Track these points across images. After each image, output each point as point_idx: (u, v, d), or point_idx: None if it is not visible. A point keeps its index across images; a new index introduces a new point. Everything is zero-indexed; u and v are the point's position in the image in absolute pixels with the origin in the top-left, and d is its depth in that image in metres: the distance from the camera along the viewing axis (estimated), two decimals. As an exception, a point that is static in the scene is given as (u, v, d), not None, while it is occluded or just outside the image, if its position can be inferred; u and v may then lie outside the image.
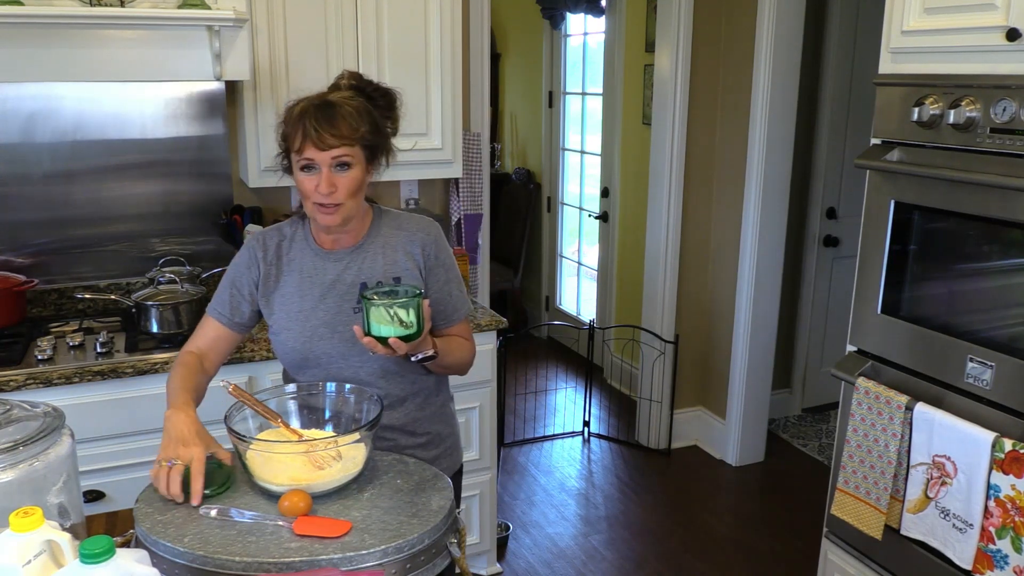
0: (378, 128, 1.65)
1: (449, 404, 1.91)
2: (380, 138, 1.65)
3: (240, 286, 1.74)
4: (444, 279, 1.77)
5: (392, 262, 1.72)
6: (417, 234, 1.74)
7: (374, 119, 1.64)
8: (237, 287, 1.74)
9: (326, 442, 1.42)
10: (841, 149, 4.06)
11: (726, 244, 3.83)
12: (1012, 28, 1.69)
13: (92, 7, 2.15)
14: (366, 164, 1.64)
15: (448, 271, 1.78)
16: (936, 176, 1.86)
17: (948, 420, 1.82)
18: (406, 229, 1.75)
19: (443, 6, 2.64)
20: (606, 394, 4.77)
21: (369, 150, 1.63)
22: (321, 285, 1.70)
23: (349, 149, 1.58)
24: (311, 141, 1.56)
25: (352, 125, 1.58)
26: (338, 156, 1.58)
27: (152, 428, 2.28)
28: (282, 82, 2.51)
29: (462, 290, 1.82)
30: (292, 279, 1.72)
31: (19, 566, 1.03)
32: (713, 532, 3.36)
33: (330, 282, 1.70)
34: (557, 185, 5.51)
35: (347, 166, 1.59)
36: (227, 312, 1.75)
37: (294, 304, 1.71)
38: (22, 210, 2.60)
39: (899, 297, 2.05)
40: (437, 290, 1.75)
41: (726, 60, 3.71)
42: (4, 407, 1.31)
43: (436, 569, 1.27)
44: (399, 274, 1.71)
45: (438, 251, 1.76)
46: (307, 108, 1.59)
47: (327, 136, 1.56)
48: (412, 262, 1.73)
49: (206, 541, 1.22)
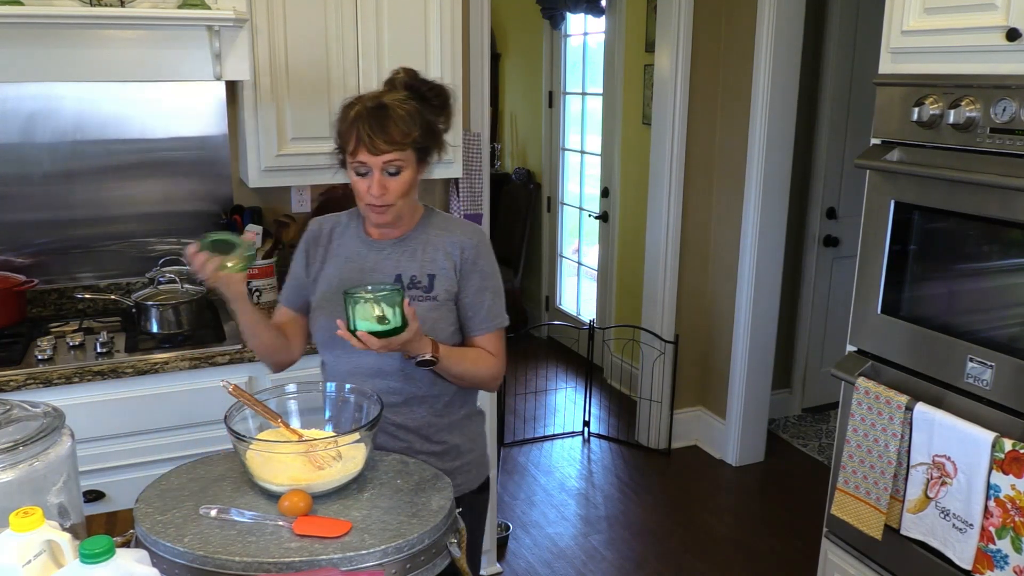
0: (430, 129, 1.69)
1: (475, 419, 1.87)
2: (431, 139, 1.70)
3: (296, 275, 1.86)
4: (479, 285, 1.75)
5: (430, 259, 1.74)
6: (460, 237, 1.76)
7: (425, 121, 1.68)
8: (294, 275, 1.86)
9: (326, 442, 1.42)
10: (841, 149, 4.06)
11: (726, 244, 3.83)
12: (1012, 28, 1.69)
13: (92, 7, 2.15)
14: (417, 165, 1.69)
15: (485, 279, 1.76)
16: (936, 176, 1.86)
17: (948, 420, 1.82)
18: (451, 231, 1.77)
19: (443, 6, 2.64)
20: (606, 394, 4.77)
21: (420, 152, 1.68)
22: (360, 271, 1.76)
23: (400, 154, 1.64)
24: (364, 146, 1.62)
25: (404, 131, 1.63)
26: (389, 161, 1.63)
27: (152, 428, 2.29)
28: (282, 82, 2.51)
29: (499, 303, 1.78)
30: (336, 263, 1.79)
31: (19, 566, 1.03)
32: (713, 532, 3.36)
33: (368, 269, 1.76)
34: (557, 185, 5.51)
35: (398, 170, 1.65)
36: (289, 296, 1.87)
37: (332, 285, 1.76)
38: (22, 210, 2.60)
39: (899, 297, 2.05)
40: (470, 295, 1.75)
41: (726, 60, 3.71)
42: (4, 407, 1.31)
43: (436, 569, 1.27)
44: (435, 272, 1.74)
45: (477, 256, 1.75)
46: (361, 113, 1.64)
47: (379, 142, 1.61)
48: (450, 262, 1.74)
49: (206, 541, 1.22)
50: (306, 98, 2.54)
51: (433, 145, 1.71)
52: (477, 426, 1.87)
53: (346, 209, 1.89)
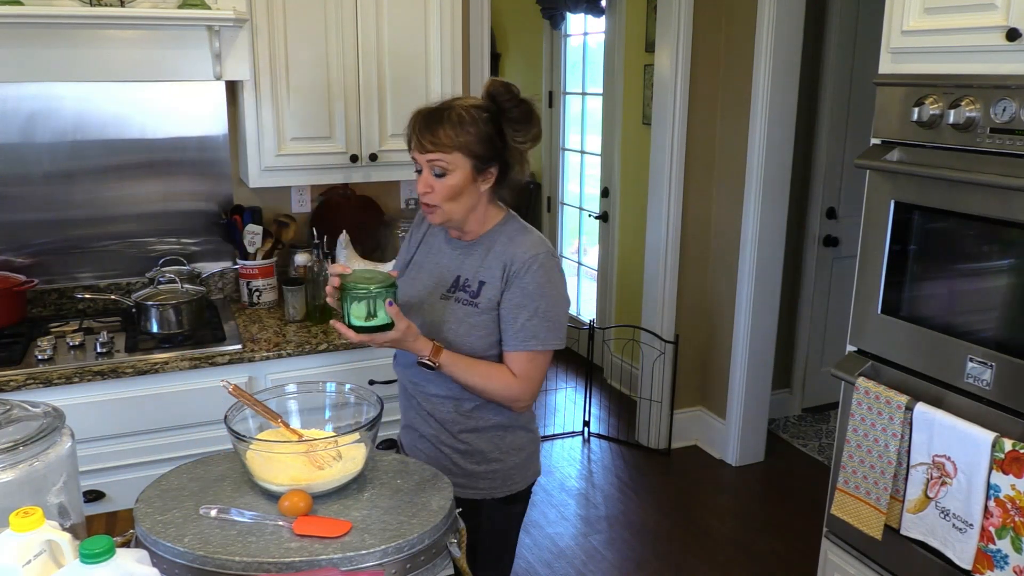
0: (488, 138, 1.70)
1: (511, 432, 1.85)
2: (490, 149, 1.71)
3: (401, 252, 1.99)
4: (518, 302, 1.73)
5: (487, 267, 1.77)
6: (517, 251, 1.75)
7: (484, 130, 1.69)
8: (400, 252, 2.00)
9: (326, 442, 1.42)
10: (841, 149, 4.06)
11: (726, 244, 3.83)
12: (1012, 28, 1.69)
13: (92, 7, 2.15)
14: (472, 172, 1.70)
15: (528, 297, 1.72)
16: (936, 176, 1.86)
17: (948, 420, 1.82)
18: (514, 244, 1.77)
19: (443, 6, 2.64)
20: (606, 394, 4.77)
21: (476, 159, 1.70)
22: (431, 263, 1.86)
23: (446, 155, 1.68)
24: (414, 144, 1.71)
25: (452, 133, 1.67)
26: (433, 160, 1.69)
27: (152, 428, 2.29)
28: (282, 82, 2.51)
29: (538, 324, 1.73)
30: (423, 250, 1.90)
31: (19, 566, 1.03)
32: (713, 532, 3.36)
33: (435, 263, 1.85)
34: (557, 185, 5.51)
35: (444, 172, 1.69)
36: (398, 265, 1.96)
37: (411, 269, 1.89)
38: (22, 210, 2.60)
39: (899, 297, 2.05)
40: (507, 308, 1.74)
41: (726, 60, 3.71)
42: (4, 407, 1.31)
43: (436, 569, 1.27)
44: (486, 280, 1.76)
45: (526, 273, 1.73)
46: (421, 111, 1.72)
47: (425, 142, 1.68)
48: (501, 272, 1.75)
49: (206, 541, 1.22)
50: (306, 98, 2.55)
51: (495, 156, 1.72)
52: (513, 440, 1.85)
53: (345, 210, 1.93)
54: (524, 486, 1.89)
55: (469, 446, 1.81)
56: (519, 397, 1.76)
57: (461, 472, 1.81)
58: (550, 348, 1.76)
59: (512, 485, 1.86)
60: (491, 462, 1.82)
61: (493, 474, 1.83)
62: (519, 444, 1.86)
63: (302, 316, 2.61)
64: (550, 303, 1.74)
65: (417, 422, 1.86)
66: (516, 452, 1.86)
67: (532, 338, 1.73)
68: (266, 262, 2.76)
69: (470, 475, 1.81)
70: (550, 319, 1.74)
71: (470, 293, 1.77)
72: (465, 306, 1.76)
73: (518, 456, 1.86)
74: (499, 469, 1.83)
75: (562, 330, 1.77)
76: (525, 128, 1.72)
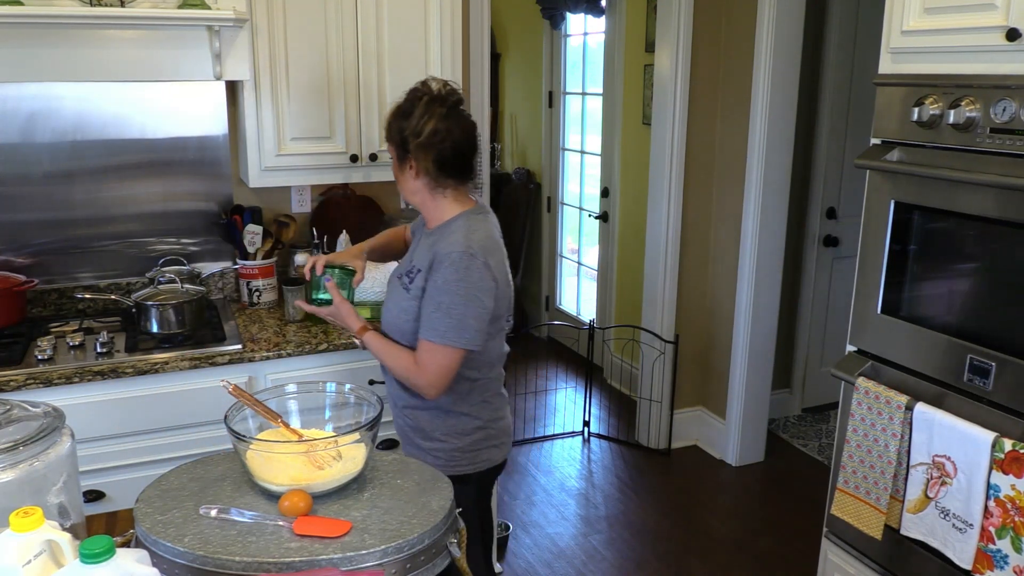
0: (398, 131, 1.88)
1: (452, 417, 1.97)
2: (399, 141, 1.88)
3: None
4: (429, 294, 1.86)
5: (424, 257, 1.91)
6: (442, 247, 1.87)
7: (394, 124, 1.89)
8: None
9: (326, 442, 1.42)
10: (841, 149, 4.06)
11: (726, 244, 3.83)
12: (1012, 28, 1.69)
13: (92, 7, 2.15)
14: (396, 161, 1.93)
15: (436, 291, 1.84)
16: (936, 176, 1.86)
17: (948, 420, 1.82)
18: (444, 239, 1.88)
19: (443, 6, 2.64)
20: (606, 394, 4.77)
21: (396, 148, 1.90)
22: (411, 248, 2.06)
23: (388, 143, 1.93)
24: None
25: (386, 125, 1.93)
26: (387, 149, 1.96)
27: (152, 428, 2.29)
28: (282, 82, 2.51)
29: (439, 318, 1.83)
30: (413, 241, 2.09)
31: (19, 566, 1.03)
32: (713, 532, 3.36)
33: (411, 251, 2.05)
34: (557, 185, 5.51)
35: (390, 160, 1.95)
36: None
37: None
38: (22, 210, 2.60)
39: (899, 297, 2.05)
40: (423, 299, 1.88)
41: (726, 60, 3.71)
42: (4, 407, 1.31)
43: (436, 569, 1.27)
44: (422, 268, 1.90)
45: (440, 267, 1.84)
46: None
47: None
48: (428, 264, 1.88)
49: (206, 541, 1.22)
50: (306, 98, 2.55)
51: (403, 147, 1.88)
52: (456, 424, 1.97)
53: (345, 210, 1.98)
54: (471, 471, 1.99)
55: (415, 421, 1.99)
56: (417, 384, 1.88)
57: (413, 444, 2.01)
58: (448, 344, 1.83)
59: (456, 467, 1.96)
60: (433, 440, 1.97)
61: (436, 452, 1.97)
62: (462, 429, 1.97)
63: (302, 316, 2.61)
64: (454, 300, 1.82)
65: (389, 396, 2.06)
66: (459, 436, 1.97)
67: (431, 329, 1.84)
68: (266, 262, 2.76)
69: (420, 449, 1.99)
70: (452, 316, 1.82)
71: (409, 279, 1.93)
72: (402, 290, 1.94)
73: (461, 441, 1.97)
74: (441, 448, 1.97)
75: (466, 331, 1.83)
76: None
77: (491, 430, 2.02)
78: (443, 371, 1.86)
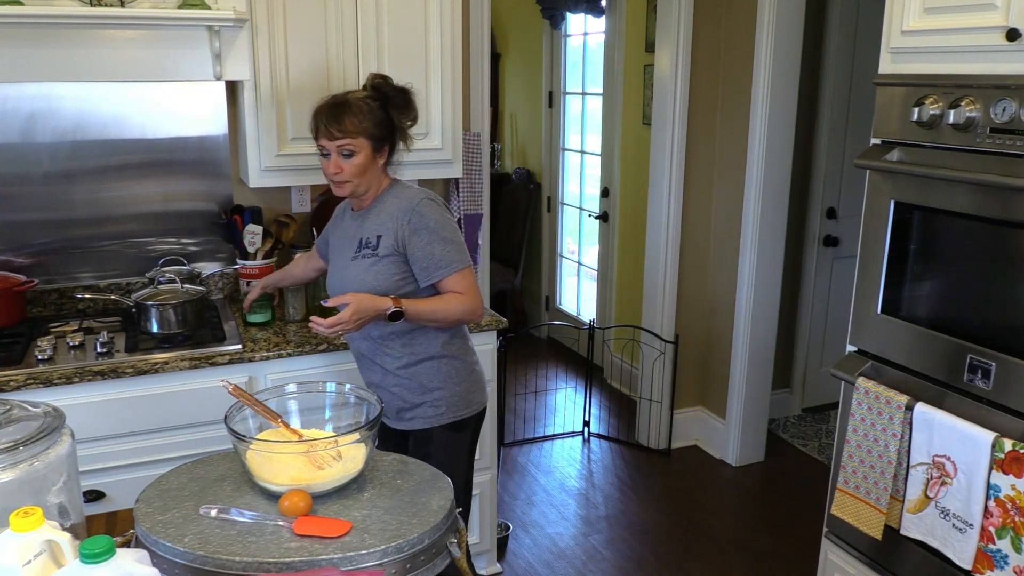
0: (382, 122, 2.06)
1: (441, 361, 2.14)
2: (385, 130, 2.07)
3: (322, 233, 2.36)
4: (426, 240, 2.04)
5: (380, 223, 2.09)
6: (402, 203, 2.08)
7: (379, 116, 2.05)
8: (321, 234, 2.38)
9: (326, 442, 1.42)
10: (841, 149, 4.06)
11: (726, 244, 3.83)
12: (1012, 28, 1.69)
13: (92, 7, 2.15)
14: (371, 151, 2.05)
15: (431, 232, 2.04)
16: (936, 176, 1.86)
17: (948, 420, 1.82)
18: (401, 198, 2.09)
19: (443, 6, 2.64)
20: (606, 394, 4.77)
21: (375, 140, 2.05)
22: (344, 237, 2.19)
23: (352, 140, 2.02)
24: (323, 133, 2.04)
25: (356, 121, 2.02)
26: (342, 146, 2.03)
27: (152, 428, 2.29)
28: (282, 82, 2.51)
29: (450, 249, 2.06)
30: (338, 233, 2.24)
31: (19, 566, 1.03)
32: (713, 532, 3.36)
33: (350, 236, 2.16)
34: (557, 185, 5.51)
35: (351, 154, 2.03)
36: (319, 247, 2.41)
37: (333, 251, 2.24)
38: (22, 210, 2.60)
39: (899, 297, 2.05)
40: (420, 249, 2.04)
41: (726, 60, 3.71)
42: (4, 407, 1.31)
43: (436, 569, 1.27)
44: (382, 232, 2.08)
45: (418, 217, 2.04)
46: (323, 106, 2.05)
47: (333, 130, 2.02)
48: (394, 224, 2.06)
49: (206, 541, 1.22)
50: (306, 98, 2.54)
51: (388, 136, 2.08)
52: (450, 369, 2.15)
53: None
54: (470, 413, 2.19)
55: (411, 380, 2.13)
56: (474, 309, 2.09)
57: (410, 405, 2.14)
58: (467, 265, 2.10)
59: (457, 412, 2.16)
60: (433, 391, 2.13)
61: (437, 401, 2.13)
62: (456, 373, 2.16)
63: (302, 316, 2.61)
64: (452, 231, 2.08)
65: (369, 375, 2.20)
66: (456, 381, 2.15)
67: (451, 263, 2.06)
68: (266, 262, 2.76)
69: (419, 405, 2.13)
70: (456, 242, 2.08)
71: (371, 247, 2.08)
72: (368, 258, 2.08)
73: (459, 385, 2.16)
74: (442, 396, 2.14)
75: (465, 251, 2.11)
76: (407, 111, 2.11)
77: (475, 372, 2.22)
78: (477, 289, 2.11)
